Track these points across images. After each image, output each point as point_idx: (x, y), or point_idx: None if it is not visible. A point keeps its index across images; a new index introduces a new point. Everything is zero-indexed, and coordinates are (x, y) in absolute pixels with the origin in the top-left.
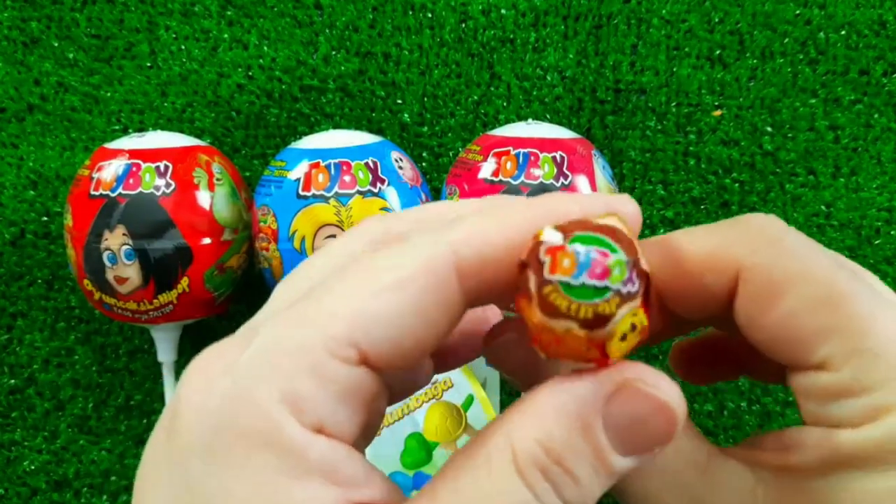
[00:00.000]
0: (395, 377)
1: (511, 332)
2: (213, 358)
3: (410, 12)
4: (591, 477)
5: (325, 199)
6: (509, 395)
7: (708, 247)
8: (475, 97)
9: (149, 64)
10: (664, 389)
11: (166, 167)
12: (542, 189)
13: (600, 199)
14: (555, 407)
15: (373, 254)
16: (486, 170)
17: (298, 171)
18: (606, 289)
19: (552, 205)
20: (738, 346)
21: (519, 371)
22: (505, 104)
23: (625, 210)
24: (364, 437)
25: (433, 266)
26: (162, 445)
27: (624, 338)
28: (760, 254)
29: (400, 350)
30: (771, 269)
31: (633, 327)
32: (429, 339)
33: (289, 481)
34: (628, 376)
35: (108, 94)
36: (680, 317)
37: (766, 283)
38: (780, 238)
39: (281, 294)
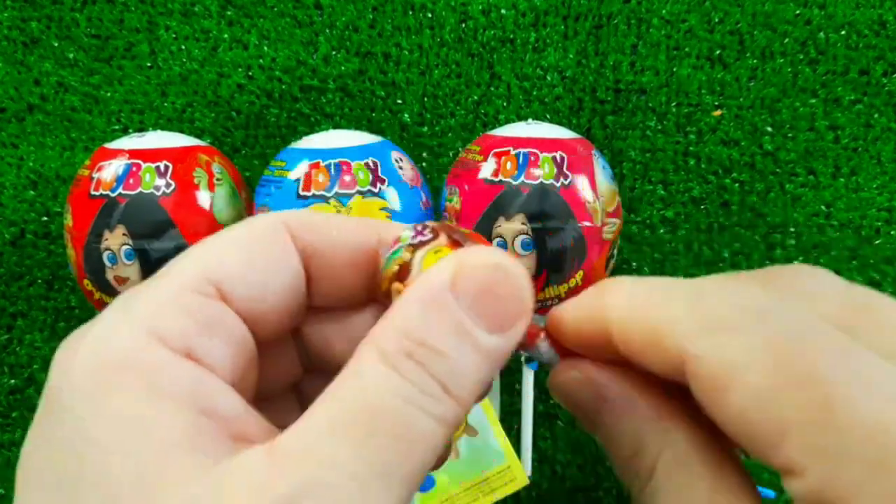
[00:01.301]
0: (267, 338)
1: (573, 370)
2: (84, 326)
3: (410, 12)
4: (458, 349)
5: (326, 200)
6: (510, 396)
7: (647, 326)
8: (475, 97)
9: (149, 64)
10: (500, 257)
11: (166, 167)
12: (542, 189)
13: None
14: (407, 301)
15: (219, 231)
16: (486, 170)
17: (298, 171)
18: (399, 249)
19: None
20: None
21: (581, 408)
22: (505, 104)
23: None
24: (245, 387)
25: (266, 225)
26: (41, 403)
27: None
28: (701, 341)
29: (251, 289)
30: (712, 360)
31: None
32: (275, 287)
33: (160, 403)
34: (467, 253)
35: (108, 94)
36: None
37: (710, 376)
38: (723, 318)
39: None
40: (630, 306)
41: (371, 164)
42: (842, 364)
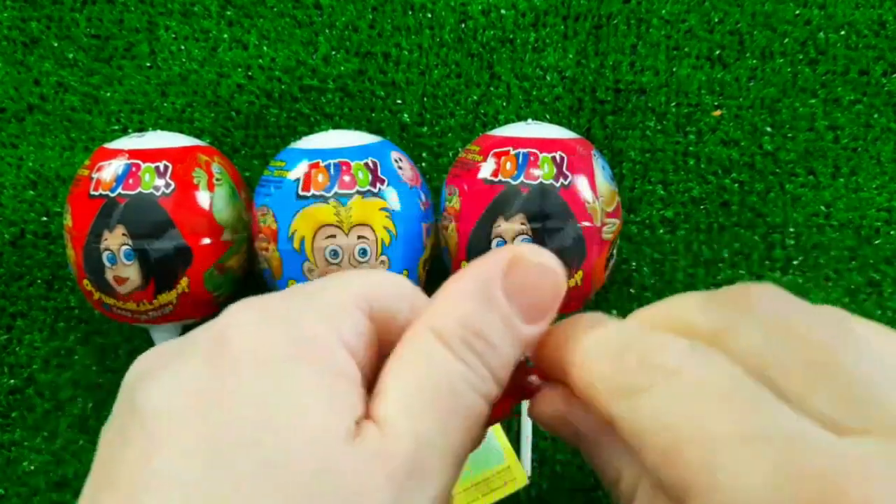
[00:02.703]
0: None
1: (548, 406)
2: (254, 300)
3: (410, 12)
4: (505, 342)
5: (325, 200)
6: None
7: (586, 384)
8: (475, 97)
9: (149, 64)
10: (546, 257)
11: (166, 167)
12: (542, 189)
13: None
14: (462, 290)
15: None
16: (486, 170)
17: (298, 171)
18: None
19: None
20: None
21: (562, 437)
22: (505, 104)
23: None
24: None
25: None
26: (209, 369)
27: None
28: (619, 403)
29: (387, 316)
30: (626, 422)
31: None
32: (403, 318)
33: (340, 379)
34: (516, 252)
35: (108, 94)
36: None
37: (628, 436)
38: (635, 382)
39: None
40: (579, 363)
41: (371, 164)
42: (725, 429)
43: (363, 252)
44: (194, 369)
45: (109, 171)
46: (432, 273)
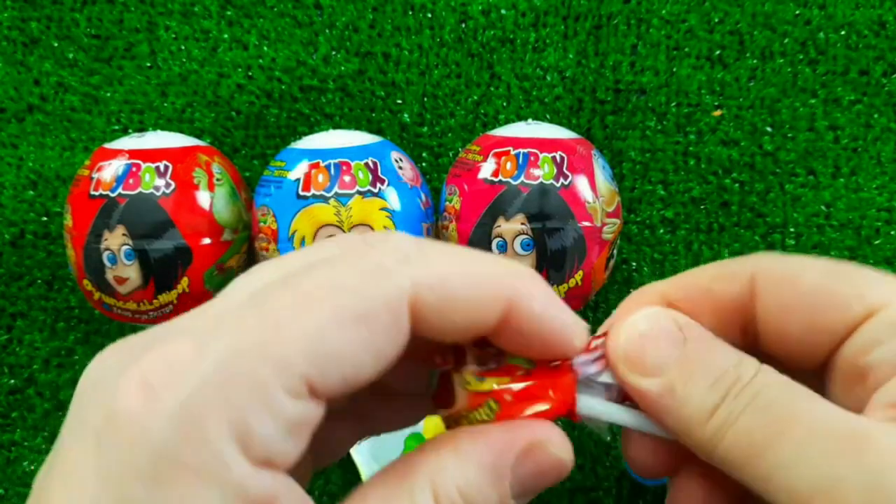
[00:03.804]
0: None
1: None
2: (157, 361)
3: (410, 12)
4: None
5: (325, 200)
6: None
7: (716, 267)
8: (475, 97)
9: (149, 64)
10: (565, 450)
11: (166, 167)
12: (542, 189)
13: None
14: (475, 457)
15: (331, 276)
16: (486, 170)
17: (298, 171)
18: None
19: (511, 269)
20: None
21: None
22: (505, 104)
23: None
24: (304, 463)
25: (394, 301)
26: (92, 454)
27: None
28: (770, 259)
29: (346, 384)
30: (783, 265)
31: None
32: (373, 374)
33: None
34: (539, 437)
35: (108, 94)
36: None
37: (783, 272)
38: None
39: (237, 295)
40: (685, 274)
41: (371, 164)
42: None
43: None
44: (80, 461)
45: (109, 171)
46: None
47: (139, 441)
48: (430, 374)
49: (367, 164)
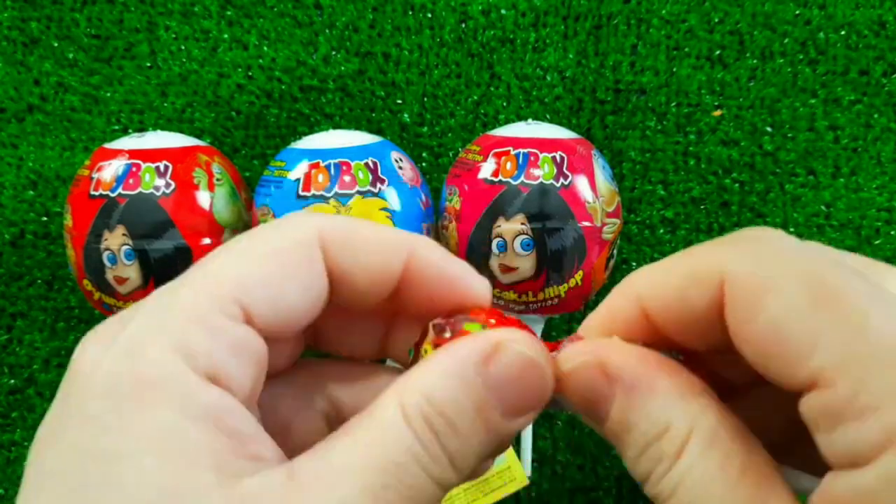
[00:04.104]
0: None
1: (583, 355)
2: (104, 328)
3: (410, 12)
4: (472, 430)
5: (325, 200)
6: None
7: (691, 262)
8: (475, 97)
9: (149, 64)
10: (533, 348)
11: (166, 167)
12: (542, 189)
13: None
14: (439, 366)
15: (251, 234)
16: (486, 170)
17: (298, 171)
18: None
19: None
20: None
21: (591, 396)
22: (505, 104)
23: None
24: (255, 397)
25: (302, 239)
26: (59, 399)
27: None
28: (742, 259)
29: (277, 313)
30: (752, 273)
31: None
32: (300, 307)
33: (186, 422)
34: (501, 338)
35: (108, 94)
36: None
37: (747, 289)
38: (765, 239)
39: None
40: (678, 258)
41: (371, 164)
42: (868, 288)
43: None
44: (48, 423)
45: (109, 171)
46: None
47: (92, 374)
48: (409, 351)
49: (367, 164)
